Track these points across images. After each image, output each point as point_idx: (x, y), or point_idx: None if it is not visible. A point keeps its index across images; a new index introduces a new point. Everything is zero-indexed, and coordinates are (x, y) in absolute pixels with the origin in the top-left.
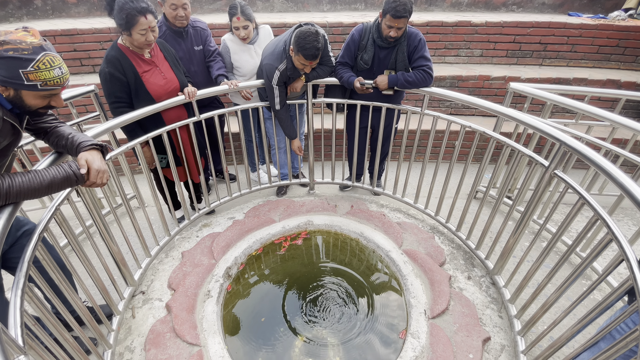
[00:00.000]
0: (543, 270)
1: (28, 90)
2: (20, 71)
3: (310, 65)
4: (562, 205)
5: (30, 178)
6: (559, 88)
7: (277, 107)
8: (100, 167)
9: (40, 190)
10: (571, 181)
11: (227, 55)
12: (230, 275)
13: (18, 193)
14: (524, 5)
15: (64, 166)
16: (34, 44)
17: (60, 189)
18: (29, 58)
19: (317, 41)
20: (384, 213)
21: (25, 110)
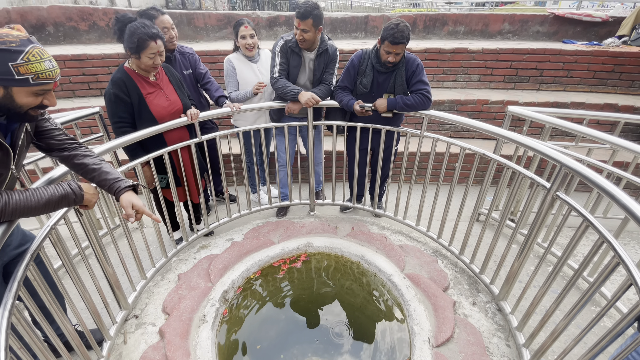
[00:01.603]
0: (550, 296)
1: (19, 86)
2: (10, 64)
3: (298, 26)
4: (566, 228)
5: (28, 196)
6: (557, 111)
7: (274, 75)
8: (141, 207)
9: (37, 209)
10: (574, 203)
11: (234, 74)
12: (226, 299)
13: (14, 211)
14: (519, 34)
15: (62, 185)
16: (21, 37)
17: (57, 207)
18: (18, 50)
19: (310, 3)
20: (386, 235)
21: (16, 112)
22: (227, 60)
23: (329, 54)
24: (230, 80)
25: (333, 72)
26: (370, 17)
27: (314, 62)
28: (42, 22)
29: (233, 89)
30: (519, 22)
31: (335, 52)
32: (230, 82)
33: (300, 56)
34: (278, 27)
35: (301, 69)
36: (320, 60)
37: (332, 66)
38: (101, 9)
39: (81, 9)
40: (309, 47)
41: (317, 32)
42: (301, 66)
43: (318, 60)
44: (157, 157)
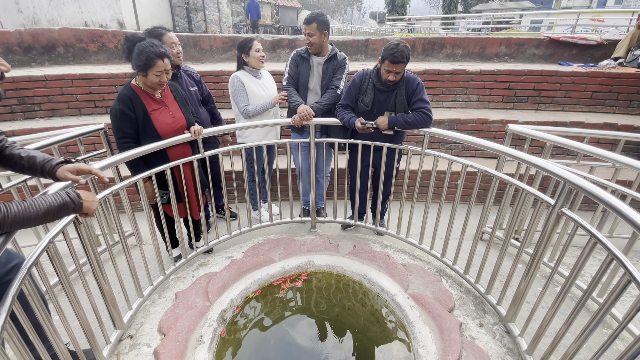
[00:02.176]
0: (560, 318)
1: None
2: None
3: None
4: (572, 248)
5: (26, 207)
6: (557, 129)
7: (283, 83)
8: (84, 167)
9: (37, 219)
10: (580, 219)
11: (243, 89)
12: (224, 320)
13: (14, 222)
14: (516, 56)
15: (61, 194)
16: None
17: (57, 217)
18: None
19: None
20: (388, 254)
21: None
22: (234, 77)
23: (337, 60)
24: (240, 95)
25: (341, 78)
26: (370, 41)
27: (323, 66)
28: (52, 43)
29: (246, 103)
30: (515, 45)
31: (344, 60)
32: (241, 97)
33: (309, 62)
34: (281, 49)
35: (311, 74)
36: (329, 65)
37: (340, 72)
38: (111, 32)
39: (92, 31)
40: (317, 51)
41: (322, 37)
42: (310, 71)
43: (327, 65)
44: (159, 173)
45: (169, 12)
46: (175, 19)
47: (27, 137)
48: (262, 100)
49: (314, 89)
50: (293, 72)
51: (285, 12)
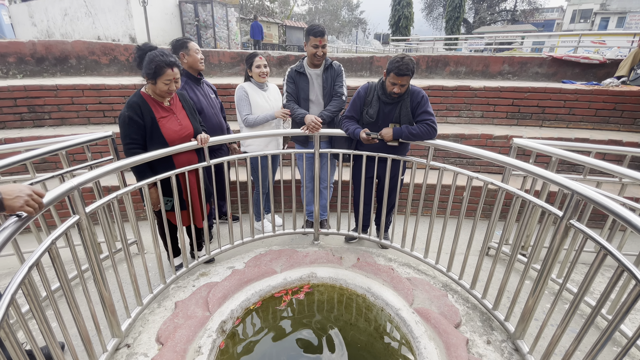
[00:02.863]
0: (569, 335)
1: None
2: None
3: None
4: (580, 265)
5: None
6: (563, 144)
7: (284, 102)
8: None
9: None
10: (589, 231)
11: (246, 99)
12: (224, 331)
13: None
14: (519, 74)
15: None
16: None
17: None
18: None
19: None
20: (393, 267)
21: None
22: (240, 87)
23: (334, 68)
24: (243, 104)
25: (342, 84)
26: (375, 58)
27: (322, 77)
28: (65, 55)
29: (248, 112)
30: (518, 63)
31: (340, 67)
32: (244, 106)
33: (306, 75)
34: (287, 65)
35: (310, 86)
36: (327, 74)
37: (339, 79)
38: (122, 45)
39: (104, 44)
40: (320, 63)
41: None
42: (310, 84)
43: (325, 75)
44: (164, 180)
45: (179, 28)
46: (185, 35)
47: (35, 143)
48: (265, 111)
49: (316, 100)
50: (291, 89)
51: (292, 32)
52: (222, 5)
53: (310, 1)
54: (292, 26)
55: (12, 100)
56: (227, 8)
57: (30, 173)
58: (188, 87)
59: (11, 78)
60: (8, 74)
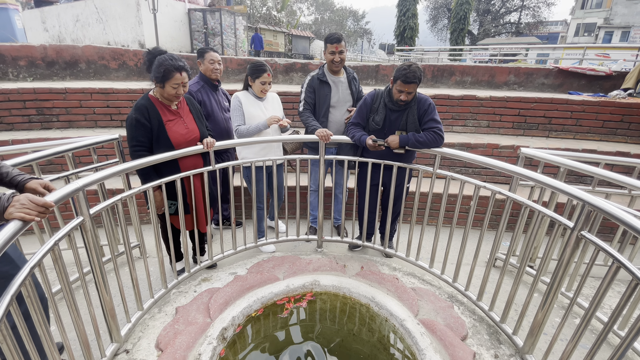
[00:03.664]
0: (580, 351)
1: None
2: None
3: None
4: (590, 278)
5: None
6: (571, 154)
7: (300, 109)
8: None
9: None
10: (602, 243)
11: (240, 109)
12: (225, 338)
13: None
14: (525, 85)
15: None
16: None
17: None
18: None
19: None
20: (397, 277)
21: None
22: (235, 97)
23: (356, 79)
24: (237, 114)
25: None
26: (380, 66)
27: (349, 85)
28: (75, 59)
29: (240, 123)
30: (524, 74)
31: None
32: (236, 116)
33: (328, 83)
34: (294, 72)
35: (333, 93)
36: (352, 84)
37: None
38: (132, 51)
39: (114, 49)
40: (339, 70)
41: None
42: (331, 90)
43: (351, 84)
44: (169, 183)
45: (188, 36)
46: (193, 42)
47: (43, 144)
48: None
49: (337, 105)
50: (310, 98)
51: (298, 41)
52: (231, 13)
53: (316, 11)
54: (298, 35)
55: (21, 102)
56: (235, 16)
57: (36, 174)
58: (203, 91)
59: (21, 81)
60: (18, 77)
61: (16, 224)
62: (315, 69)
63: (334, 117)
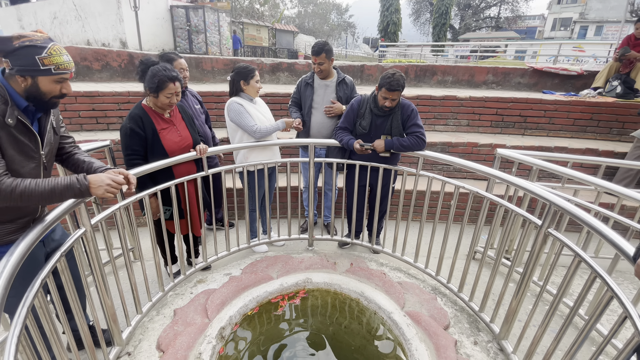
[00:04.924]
0: (550, 335)
1: (44, 75)
2: (36, 57)
3: (315, 61)
4: (560, 267)
5: (37, 183)
6: (543, 154)
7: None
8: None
9: (43, 195)
10: (565, 239)
11: (244, 114)
12: (223, 337)
13: (21, 194)
14: (502, 84)
15: (70, 177)
16: (44, 37)
17: (63, 197)
18: (42, 46)
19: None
20: (385, 272)
21: (42, 100)
22: (234, 102)
23: (346, 83)
24: (245, 116)
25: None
26: (365, 66)
27: (336, 88)
28: None
29: (255, 123)
30: (501, 74)
31: (352, 82)
32: (247, 118)
33: (312, 86)
34: (280, 72)
35: (315, 95)
36: (340, 88)
37: (354, 92)
38: (115, 51)
39: (96, 50)
40: (325, 76)
41: (330, 62)
42: (314, 92)
43: (339, 88)
44: (163, 189)
45: (171, 33)
46: (177, 40)
47: None
48: (261, 123)
49: (318, 106)
50: (295, 98)
51: (282, 35)
52: (214, 10)
53: (299, 4)
54: (282, 30)
55: None
56: (219, 13)
57: None
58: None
59: None
60: None
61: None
62: (301, 68)
63: (315, 117)
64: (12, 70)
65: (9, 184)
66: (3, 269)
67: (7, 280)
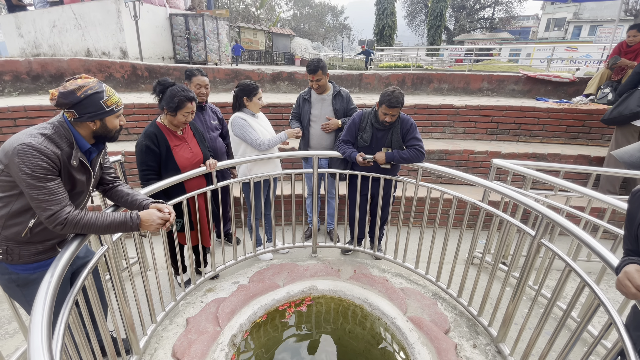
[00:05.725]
0: (545, 337)
1: (109, 115)
2: (101, 102)
3: (312, 79)
4: (554, 271)
5: (98, 216)
6: (536, 164)
7: (290, 117)
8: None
9: (101, 228)
10: (557, 250)
11: (247, 129)
12: (235, 344)
13: (84, 226)
14: (497, 91)
15: (125, 213)
16: (96, 80)
17: (117, 231)
18: (101, 90)
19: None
20: (387, 278)
21: (107, 135)
22: (237, 117)
23: (342, 96)
24: (250, 130)
25: (355, 107)
26: (364, 75)
27: (332, 102)
28: (61, 72)
29: (259, 137)
30: (496, 81)
31: (348, 94)
32: (251, 132)
33: (310, 101)
34: (280, 81)
35: (312, 109)
36: (336, 100)
37: (350, 104)
38: (118, 63)
39: (100, 62)
40: (323, 91)
41: (326, 77)
42: (311, 107)
43: (335, 101)
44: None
45: (170, 41)
46: (176, 48)
47: None
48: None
49: (317, 119)
50: (295, 111)
51: (278, 39)
52: (213, 18)
53: (295, 7)
54: (279, 33)
55: (11, 120)
56: (218, 21)
57: None
58: None
59: (7, 96)
60: (4, 91)
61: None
62: (301, 77)
63: (315, 130)
64: (83, 118)
65: (74, 216)
66: (45, 299)
67: (50, 307)
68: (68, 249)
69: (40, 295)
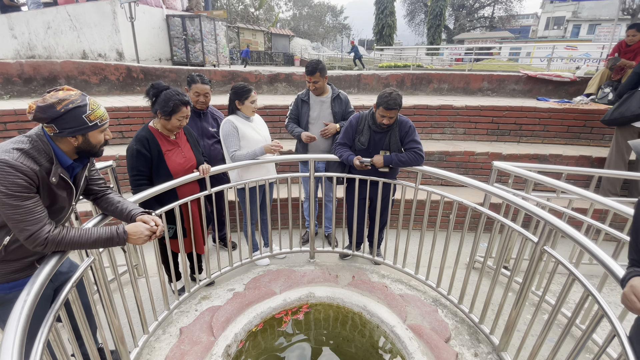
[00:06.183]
0: (548, 345)
1: (92, 130)
2: (83, 116)
3: (310, 80)
4: (558, 275)
5: (81, 233)
6: (538, 166)
7: (286, 121)
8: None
9: (86, 245)
10: (560, 258)
11: (235, 134)
12: (229, 355)
13: (68, 243)
14: (497, 91)
15: (111, 228)
16: (78, 93)
17: (103, 246)
18: (83, 104)
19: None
20: (386, 284)
21: (91, 151)
22: (228, 121)
23: (341, 99)
24: (231, 139)
25: (353, 110)
26: (362, 76)
27: (331, 104)
28: (54, 75)
29: (235, 149)
30: (496, 81)
31: (346, 97)
32: (232, 142)
33: (308, 102)
34: (278, 83)
35: (311, 111)
36: (335, 103)
37: (349, 107)
38: (113, 65)
39: (94, 64)
40: (320, 93)
41: (324, 80)
42: (310, 109)
43: (334, 104)
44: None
45: (167, 42)
46: (173, 49)
47: None
48: (258, 143)
49: (315, 122)
50: (294, 113)
51: (277, 39)
52: (210, 19)
53: (294, 7)
54: (278, 34)
55: (2, 124)
56: (215, 22)
57: None
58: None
59: None
60: None
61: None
62: (299, 79)
63: (313, 132)
64: (63, 133)
65: (55, 236)
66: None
67: (23, 327)
68: (47, 265)
69: (13, 316)
